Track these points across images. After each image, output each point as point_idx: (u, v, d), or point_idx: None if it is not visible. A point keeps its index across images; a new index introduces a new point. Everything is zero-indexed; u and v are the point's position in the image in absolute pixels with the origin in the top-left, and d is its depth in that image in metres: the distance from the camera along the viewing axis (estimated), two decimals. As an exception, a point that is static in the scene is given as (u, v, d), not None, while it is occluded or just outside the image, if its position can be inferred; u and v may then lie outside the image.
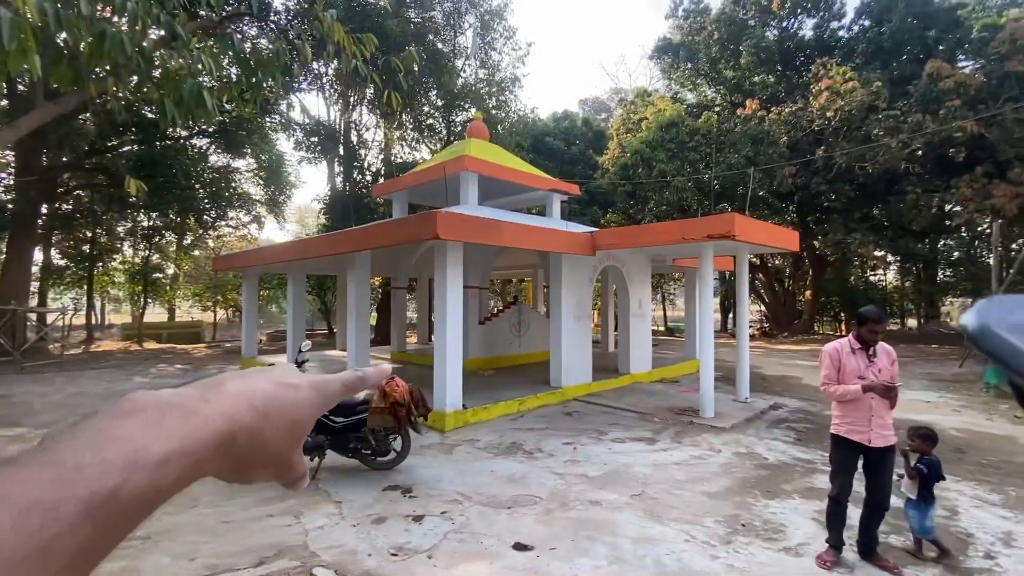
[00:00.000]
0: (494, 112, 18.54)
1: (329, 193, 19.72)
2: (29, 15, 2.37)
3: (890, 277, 27.45)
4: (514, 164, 11.20)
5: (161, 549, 3.53)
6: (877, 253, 19.78)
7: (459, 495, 4.49)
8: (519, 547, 3.57)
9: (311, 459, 4.90)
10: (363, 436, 4.84)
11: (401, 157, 20.27)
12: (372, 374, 0.44)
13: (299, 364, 5.46)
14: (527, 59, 22.31)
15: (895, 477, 3.39)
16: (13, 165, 15.51)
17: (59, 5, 2.62)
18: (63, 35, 3.10)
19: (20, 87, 13.87)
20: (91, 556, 0.26)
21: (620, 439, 6.29)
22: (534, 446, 5.98)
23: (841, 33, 20.79)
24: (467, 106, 18.21)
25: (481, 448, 5.93)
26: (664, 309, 30.49)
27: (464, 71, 18.76)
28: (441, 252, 6.96)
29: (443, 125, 19.21)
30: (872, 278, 26.43)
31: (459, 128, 18.54)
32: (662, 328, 26.54)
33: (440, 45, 17.05)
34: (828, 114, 17.04)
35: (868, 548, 3.38)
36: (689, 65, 23.53)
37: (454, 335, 6.97)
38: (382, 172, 19.11)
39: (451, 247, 6.91)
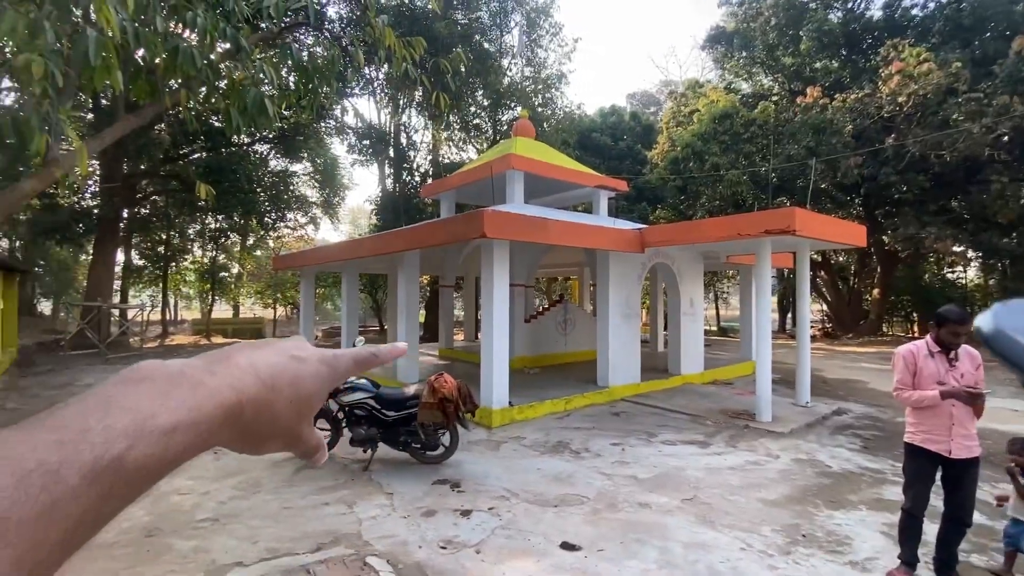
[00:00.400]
0: (540, 110, 18.49)
1: (380, 194, 20.32)
2: (111, 33, 2.58)
3: (971, 274, 25.21)
4: (560, 161, 11.12)
5: (228, 531, 3.75)
6: (956, 248, 18.22)
7: (506, 491, 4.52)
8: (566, 546, 3.54)
9: (364, 451, 5.07)
10: (413, 430, 4.96)
11: (448, 158, 20.60)
12: (385, 351, 0.44)
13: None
14: (573, 55, 22.15)
15: (995, 501, 3.12)
16: (98, 173, 16.97)
17: (137, 24, 2.83)
18: (140, 52, 3.34)
19: (104, 101, 15.15)
20: (94, 522, 0.26)
21: (670, 441, 6.13)
22: (581, 445, 5.92)
23: (915, 12, 19.23)
24: (513, 105, 18.25)
25: (527, 446, 5.94)
26: (717, 308, 29.41)
27: (510, 70, 18.82)
28: (488, 250, 7.02)
29: (489, 125, 19.36)
30: (950, 275, 24.38)
31: (505, 127, 18.61)
32: (714, 328, 25.63)
33: (486, 45, 17.17)
34: (900, 99, 15.84)
35: (946, 566, 3.12)
36: (744, 53, 22.51)
37: (500, 333, 7.02)
38: (430, 173, 19.48)
39: (498, 245, 6.95)
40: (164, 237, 21.64)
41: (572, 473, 5.01)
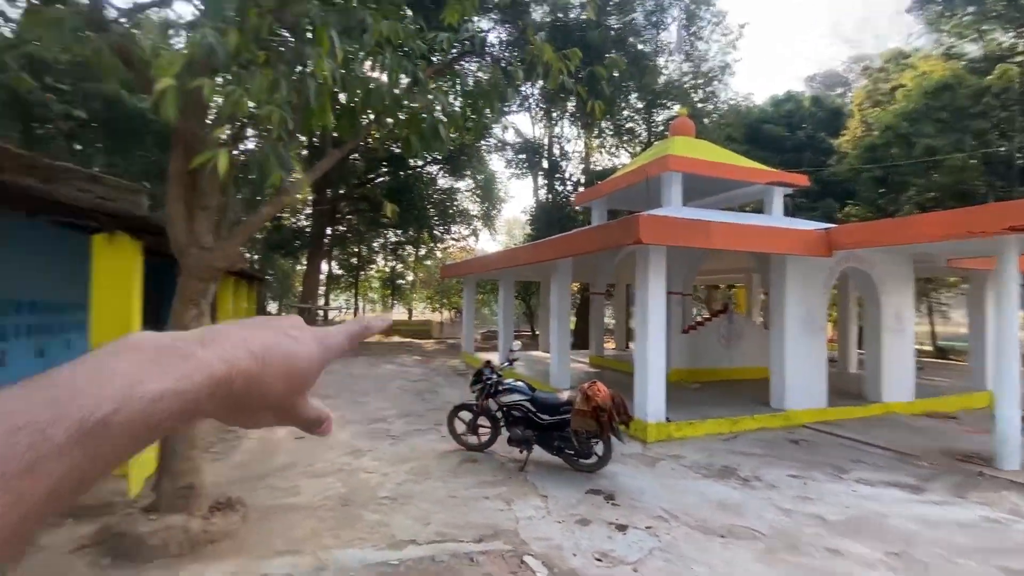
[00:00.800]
0: (700, 105, 17.38)
1: (534, 205, 21.12)
2: (322, 80, 3.10)
3: None
4: (724, 159, 10.24)
5: (404, 511, 4.20)
6: None
7: (664, 512, 4.26)
8: (736, 583, 3.19)
9: (520, 451, 5.25)
10: (567, 436, 4.99)
11: (600, 165, 20.55)
12: (374, 322, 0.46)
13: (510, 363, 5.93)
14: (739, 42, 20.26)
15: None
16: (311, 198, 20.70)
17: (343, 71, 3.37)
18: (342, 94, 3.97)
19: (314, 139, 18.45)
20: (80, 481, 0.27)
21: (867, 480, 5.15)
22: (750, 473, 5.32)
23: None
24: (669, 103, 17.44)
25: (687, 466, 5.53)
26: (932, 323, 24.03)
27: (666, 68, 18.04)
28: (643, 257, 6.76)
29: (643, 127, 18.81)
30: None
31: (660, 128, 17.88)
32: (929, 347, 20.99)
33: (640, 46, 16.72)
34: None
35: None
36: (970, 8, 18.17)
37: (656, 343, 6.69)
38: (582, 181, 19.60)
39: (654, 251, 6.66)
40: (356, 250, 25.46)
41: (741, 502, 4.52)
